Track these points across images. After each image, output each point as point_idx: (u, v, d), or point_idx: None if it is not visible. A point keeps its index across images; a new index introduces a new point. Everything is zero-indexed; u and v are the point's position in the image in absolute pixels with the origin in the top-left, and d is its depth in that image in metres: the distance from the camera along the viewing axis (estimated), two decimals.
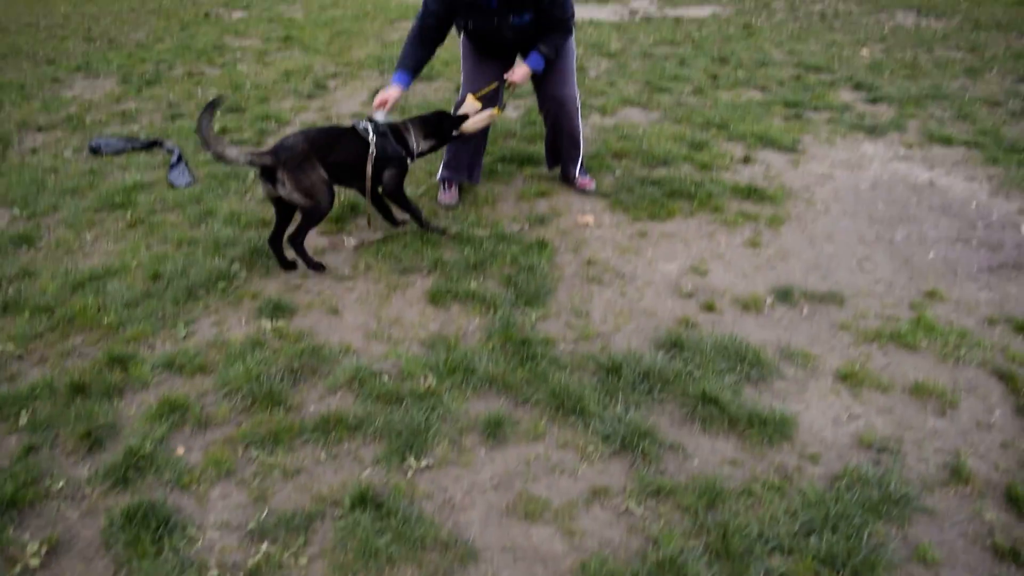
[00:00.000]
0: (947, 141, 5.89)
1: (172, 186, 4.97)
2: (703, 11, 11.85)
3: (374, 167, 3.89)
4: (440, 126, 4.20)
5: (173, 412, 2.85)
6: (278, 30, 10.13)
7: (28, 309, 3.51)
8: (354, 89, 7.22)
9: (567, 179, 4.94)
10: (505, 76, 4.31)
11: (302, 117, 6.38)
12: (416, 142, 4.13)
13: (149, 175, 5.16)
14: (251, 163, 3.59)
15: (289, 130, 6.03)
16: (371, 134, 3.89)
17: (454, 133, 4.22)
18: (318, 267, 3.89)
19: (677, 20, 10.97)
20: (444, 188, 4.77)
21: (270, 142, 5.75)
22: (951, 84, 7.56)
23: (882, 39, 9.79)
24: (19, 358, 3.20)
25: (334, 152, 3.81)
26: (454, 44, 4.80)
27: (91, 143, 5.72)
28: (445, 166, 4.76)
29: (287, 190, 3.65)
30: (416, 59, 4.25)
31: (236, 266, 3.88)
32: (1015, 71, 8.19)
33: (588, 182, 4.89)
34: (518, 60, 4.41)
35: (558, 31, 4.23)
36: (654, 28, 10.25)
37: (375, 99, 4.15)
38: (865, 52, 8.95)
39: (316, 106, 6.70)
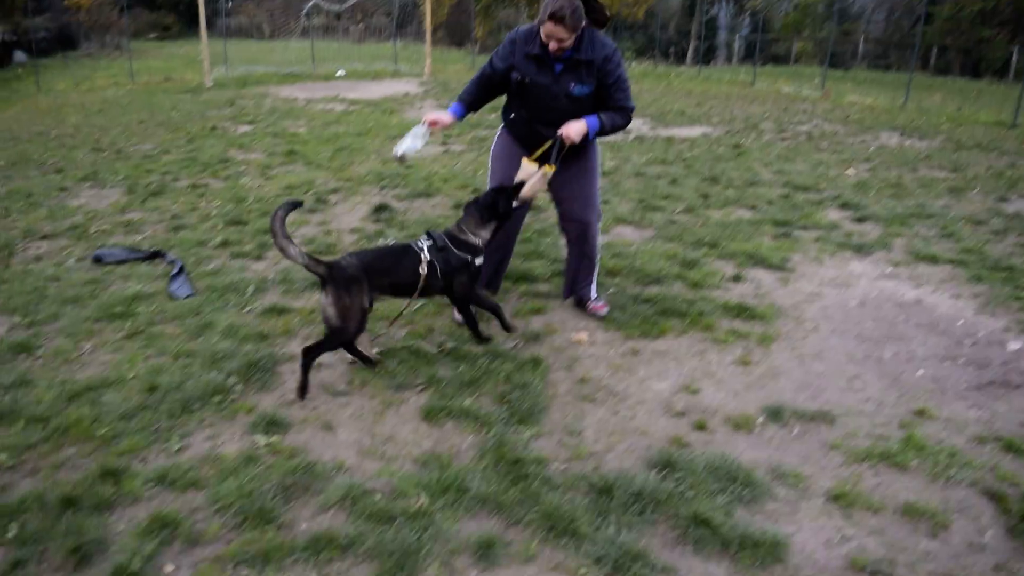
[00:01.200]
0: (933, 259, 6.03)
1: (172, 297, 5.04)
2: (694, 131, 12.24)
3: (444, 281, 4.01)
4: (496, 205, 4.14)
5: (163, 528, 2.83)
6: (282, 145, 10.42)
7: (23, 419, 3.52)
8: (354, 204, 7.39)
9: (580, 303, 4.91)
10: (559, 132, 4.13)
11: (302, 231, 6.52)
12: (478, 236, 4.15)
13: (150, 286, 5.24)
14: (307, 267, 3.74)
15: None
16: (425, 252, 3.97)
17: (514, 204, 4.18)
18: (303, 390, 3.82)
19: (669, 140, 11.32)
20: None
21: (270, 255, 5.87)
22: (935, 203, 7.78)
23: (867, 159, 10.10)
24: (11, 469, 3.20)
25: (392, 275, 3.91)
26: (456, 159, 4.94)
27: (94, 253, 5.82)
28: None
29: (325, 303, 3.75)
30: (474, 96, 4.34)
31: (232, 380, 3.91)
32: (996, 190, 8.44)
33: (601, 307, 4.83)
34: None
35: (616, 112, 4.22)
36: (646, 147, 10.57)
37: (427, 116, 4.24)
38: (851, 172, 9.22)
39: (317, 220, 6.85)
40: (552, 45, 3.99)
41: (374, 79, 20.55)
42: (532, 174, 4.20)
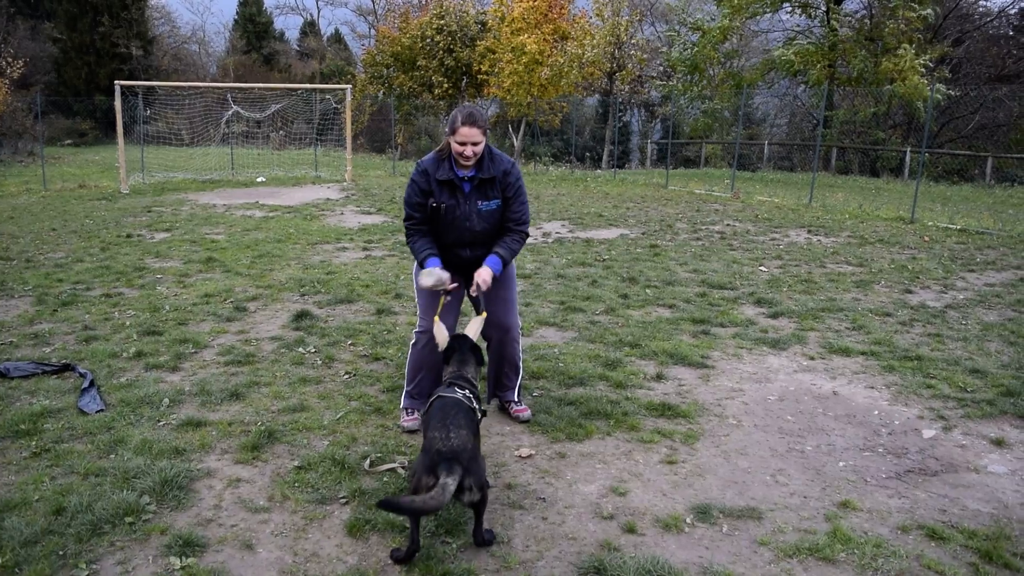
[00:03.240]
0: (846, 352, 6.22)
1: (82, 412, 4.84)
2: (612, 233, 12.54)
3: None
4: (478, 351, 4.21)
5: None
6: (200, 252, 10.29)
7: None
8: (274, 312, 7.30)
9: (503, 407, 4.96)
10: (476, 281, 4.31)
11: (220, 340, 6.38)
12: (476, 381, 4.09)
13: (58, 401, 5.03)
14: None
15: (207, 354, 6.02)
16: (473, 399, 3.77)
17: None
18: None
19: (588, 242, 11.56)
20: (408, 414, 4.76)
21: (187, 366, 5.72)
22: (844, 297, 8.08)
23: (778, 256, 10.47)
24: None
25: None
26: (377, 264, 4.94)
27: None
28: (408, 395, 4.80)
29: (475, 495, 3.29)
30: (430, 244, 4.46)
31: (145, 499, 3.74)
32: (900, 283, 8.83)
33: (524, 410, 4.86)
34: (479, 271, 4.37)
35: (514, 233, 4.50)
36: (566, 250, 10.77)
37: (445, 282, 4.26)
38: (763, 269, 9.54)
39: (235, 329, 6.73)
40: (467, 151, 4.21)
41: (295, 185, 20.59)
42: (477, 324, 4.35)
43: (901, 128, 32.60)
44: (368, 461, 4.18)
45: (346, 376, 5.57)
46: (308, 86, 29.80)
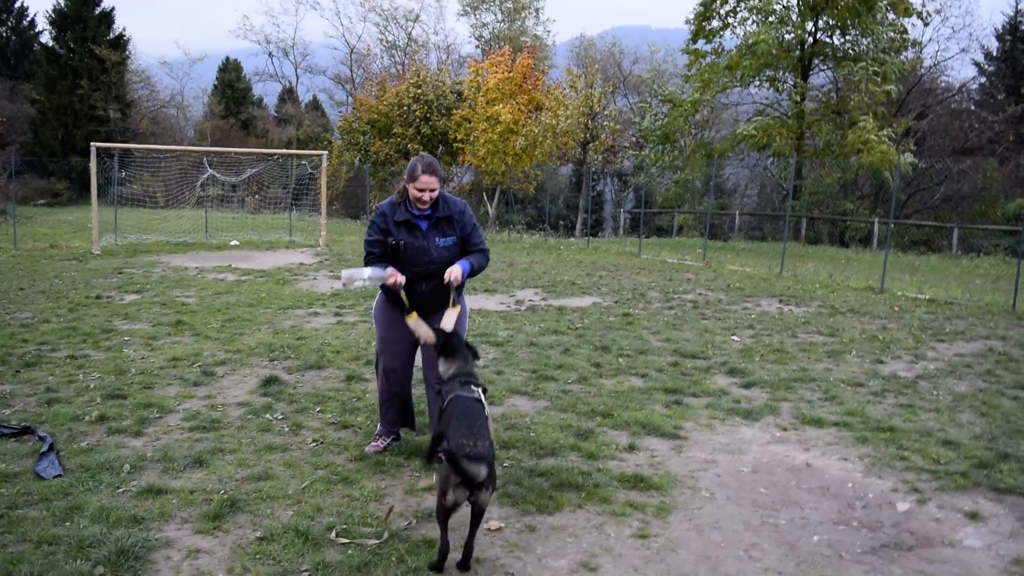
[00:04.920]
0: (819, 423, 6.21)
1: (39, 477, 4.69)
2: (584, 301, 12.57)
3: None
4: (471, 345, 4.75)
5: None
6: (169, 315, 10.17)
7: None
8: (242, 377, 7.18)
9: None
10: (447, 276, 4.80)
11: (186, 405, 6.25)
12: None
13: (15, 465, 4.88)
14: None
15: (172, 419, 5.89)
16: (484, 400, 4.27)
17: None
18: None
19: (560, 310, 11.56)
20: (378, 440, 5.35)
21: (150, 431, 5.59)
22: (816, 367, 8.10)
23: (750, 326, 10.52)
24: None
25: None
26: (349, 330, 4.90)
27: None
28: (381, 423, 5.39)
29: (488, 495, 3.74)
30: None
31: (99, 569, 3.61)
32: (872, 352, 8.88)
33: None
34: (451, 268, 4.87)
35: (479, 252, 5.05)
36: (539, 318, 10.76)
37: (390, 273, 4.72)
38: (736, 338, 9.56)
39: (202, 394, 6.60)
40: (425, 196, 4.78)
41: (268, 249, 20.54)
42: (450, 316, 4.80)
43: (869, 199, 33.28)
44: (334, 532, 4.07)
45: (313, 444, 5.46)
46: (285, 151, 30.03)
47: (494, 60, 30.54)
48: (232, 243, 21.74)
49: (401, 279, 4.80)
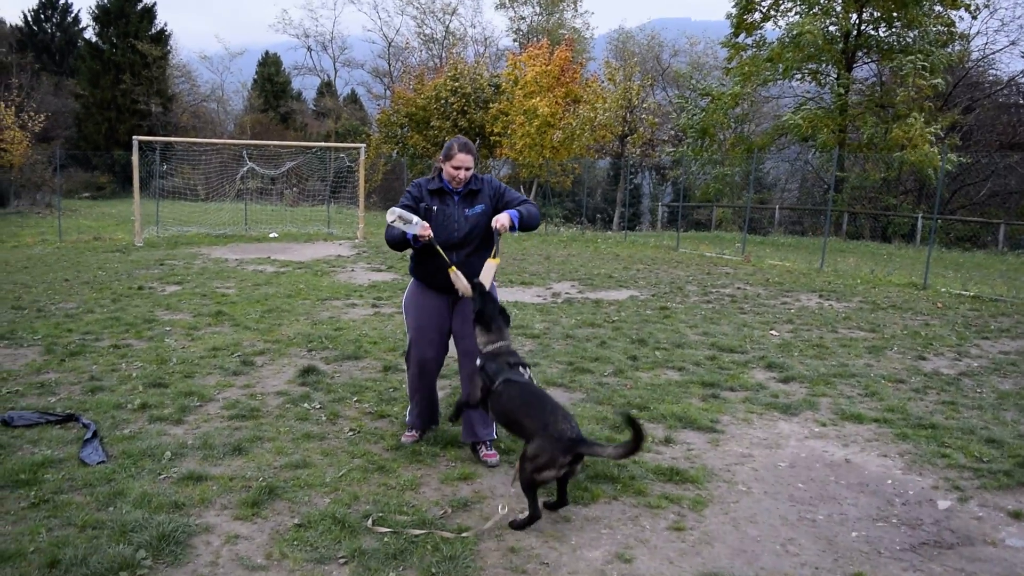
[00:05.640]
0: (858, 419, 6.13)
1: (83, 463, 4.79)
2: (621, 294, 12.52)
3: None
4: (506, 312, 4.86)
5: None
6: (210, 305, 10.30)
7: None
8: (281, 367, 7.26)
9: (475, 448, 5.17)
10: (494, 224, 4.79)
11: (225, 394, 6.34)
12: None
13: (60, 451, 4.98)
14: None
15: (212, 408, 5.98)
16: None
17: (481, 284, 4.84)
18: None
19: (597, 303, 11.53)
20: (409, 432, 5.40)
21: (191, 419, 5.68)
22: (856, 362, 7.99)
23: (789, 320, 10.40)
24: None
25: None
26: (386, 322, 4.93)
27: (3, 416, 5.54)
28: (412, 414, 5.43)
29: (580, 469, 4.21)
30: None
31: (142, 553, 3.67)
32: (913, 349, 8.74)
33: (493, 455, 5.06)
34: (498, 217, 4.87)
35: (525, 203, 5.03)
36: (576, 310, 10.74)
37: (421, 230, 4.77)
38: (774, 333, 9.47)
39: (241, 383, 6.69)
40: (460, 175, 4.92)
41: (307, 242, 20.73)
42: (489, 268, 4.89)
43: (912, 194, 32.72)
44: (370, 520, 4.11)
45: (350, 433, 5.51)
46: (323, 144, 30.21)
47: (532, 53, 30.52)
48: (271, 235, 21.97)
49: (429, 232, 4.80)
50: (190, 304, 10.43)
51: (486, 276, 4.83)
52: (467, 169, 4.92)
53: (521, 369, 4.51)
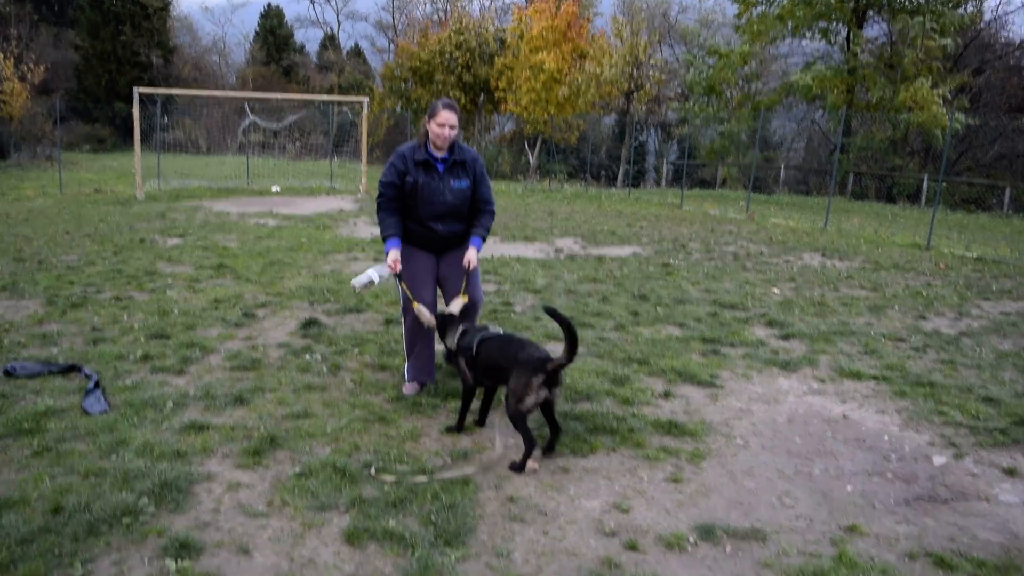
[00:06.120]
0: (857, 376, 6.15)
1: (86, 413, 4.82)
2: (624, 251, 12.50)
3: None
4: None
5: None
6: (211, 258, 10.31)
7: None
8: (283, 319, 7.28)
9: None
10: (465, 262, 5.21)
11: (227, 346, 6.37)
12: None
13: (63, 401, 5.02)
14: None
15: (213, 359, 6.01)
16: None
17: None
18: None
19: (600, 259, 11.52)
20: (410, 383, 5.53)
21: (193, 370, 5.71)
22: (857, 321, 8.00)
23: (791, 279, 10.40)
24: None
25: None
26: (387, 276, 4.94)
27: (6, 366, 5.57)
28: (412, 367, 5.54)
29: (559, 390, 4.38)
30: (396, 225, 5.23)
31: (144, 500, 3.71)
32: (914, 309, 8.74)
33: None
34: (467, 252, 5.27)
35: (486, 214, 5.34)
36: (578, 266, 10.74)
37: (390, 262, 5.13)
38: (776, 291, 9.47)
39: (243, 335, 6.71)
40: (445, 132, 5.05)
41: (309, 195, 20.67)
42: (459, 302, 5.18)
43: (919, 155, 32.47)
44: (372, 468, 4.15)
45: (351, 384, 5.54)
46: (326, 97, 29.97)
47: (538, 7, 30.08)
48: (273, 189, 21.90)
49: (396, 265, 5.15)
50: (192, 257, 10.43)
51: (455, 306, 5.15)
52: (451, 127, 5.05)
53: (490, 328, 4.85)
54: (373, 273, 5.44)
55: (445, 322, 5.07)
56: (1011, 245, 15.68)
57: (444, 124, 5.04)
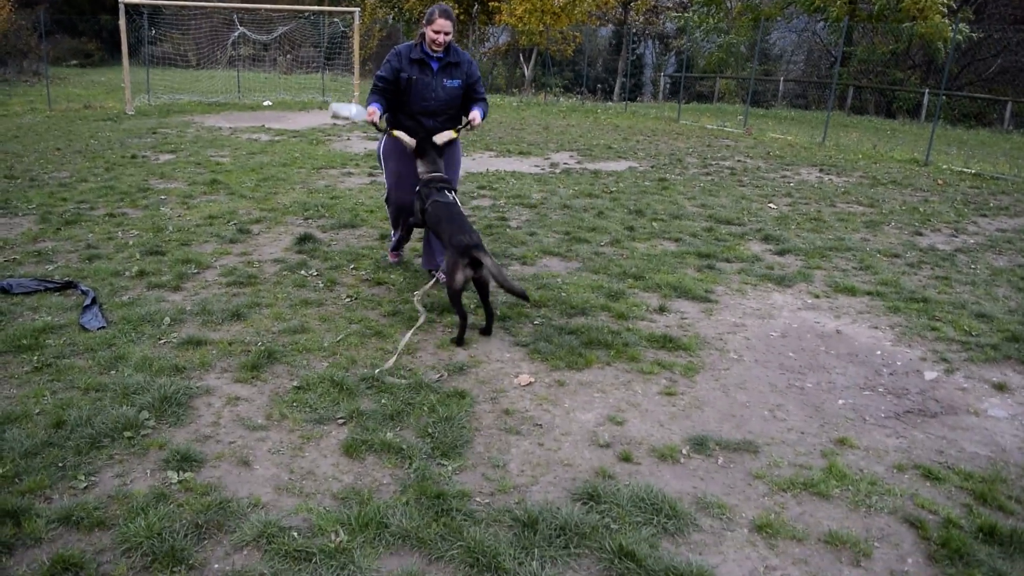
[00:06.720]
0: (851, 291, 6.18)
1: (84, 329, 4.84)
2: (620, 165, 12.40)
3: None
4: (439, 148, 5.56)
5: (66, 571, 2.68)
6: (204, 174, 10.21)
7: None
8: (277, 235, 7.26)
9: (431, 274, 5.90)
10: (470, 117, 5.60)
11: (223, 262, 6.36)
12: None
13: (60, 317, 5.03)
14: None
15: (209, 275, 6.01)
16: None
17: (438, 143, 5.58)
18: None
19: (595, 173, 11.44)
20: (393, 254, 6.46)
21: (189, 286, 5.71)
22: (853, 237, 8.00)
23: (788, 194, 10.36)
24: None
25: None
26: (381, 190, 4.90)
27: (1, 283, 5.57)
28: (396, 239, 6.33)
29: (487, 272, 4.74)
30: (382, 102, 5.51)
31: (145, 414, 3.76)
32: (911, 225, 8.74)
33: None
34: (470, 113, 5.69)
35: (482, 101, 5.71)
36: (573, 181, 10.67)
37: (369, 111, 5.38)
38: (772, 206, 9.44)
39: (238, 251, 6.70)
40: (440, 39, 5.38)
41: (301, 110, 20.38)
42: (447, 135, 5.61)
43: (920, 69, 31.96)
44: (378, 371, 4.25)
45: (347, 299, 5.56)
46: (316, 8, 29.26)
47: None
48: (265, 103, 21.57)
49: (377, 115, 5.40)
50: (184, 173, 10.33)
51: (441, 137, 5.54)
52: (446, 34, 5.40)
53: (448, 193, 5.28)
54: (354, 108, 5.81)
55: (424, 145, 5.48)
56: (1010, 161, 15.58)
57: (440, 31, 5.37)
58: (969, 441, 3.93)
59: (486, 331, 4.97)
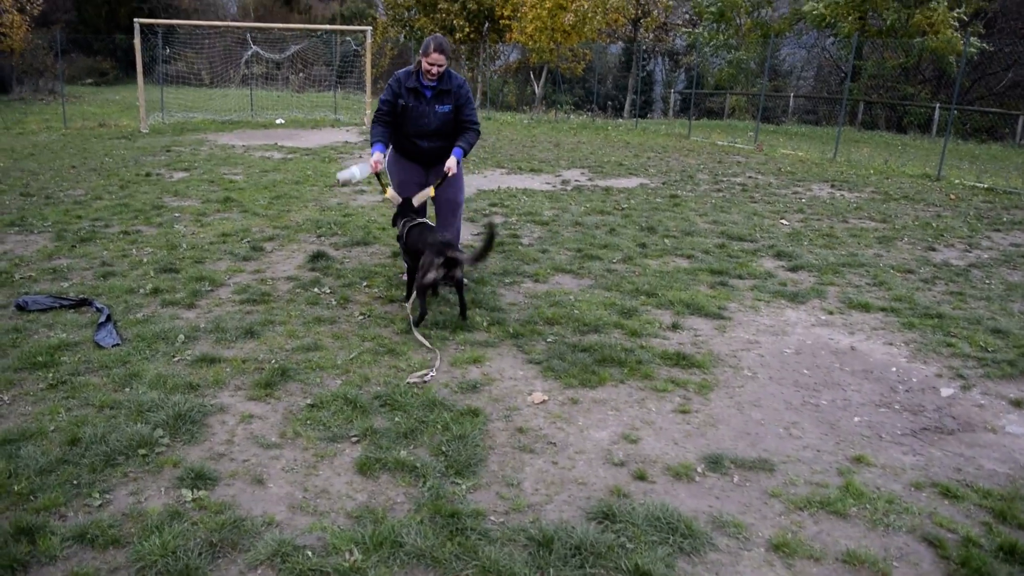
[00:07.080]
0: (865, 307, 6.15)
1: (98, 347, 4.86)
2: (631, 182, 12.41)
3: None
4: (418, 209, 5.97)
5: None
6: (218, 192, 10.27)
7: None
8: (291, 252, 7.28)
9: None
10: (445, 168, 5.82)
11: (236, 279, 6.38)
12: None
13: (75, 335, 5.06)
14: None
15: (223, 293, 6.03)
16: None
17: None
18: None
19: (607, 190, 11.45)
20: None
21: (203, 303, 5.74)
22: (866, 252, 7.97)
23: (800, 210, 10.33)
24: None
25: None
26: (383, 207, 4.91)
27: (17, 300, 5.60)
28: None
29: (461, 271, 5.21)
30: (384, 135, 5.86)
31: (159, 432, 3.76)
32: (924, 240, 8.70)
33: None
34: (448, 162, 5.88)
35: (470, 131, 5.94)
36: (585, 198, 10.67)
37: (373, 162, 5.74)
38: (784, 222, 9.42)
39: (251, 268, 6.72)
40: (434, 70, 5.65)
41: (313, 128, 20.50)
42: (424, 193, 5.99)
43: (931, 84, 31.89)
44: (412, 377, 4.30)
45: (360, 317, 5.56)
46: (328, 27, 29.47)
47: None
48: (278, 121, 21.71)
49: (381, 164, 5.76)
50: (198, 190, 10.39)
51: (418, 198, 5.94)
52: (439, 66, 5.68)
53: (417, 219, 5.72)
54: (356, 170, 6.30)
55: (405, 206, 5.89)
56: (1023, 176, 15.50)
57: (434, 64, 5.65)
58: (987, 458, 3.90)
59: (462, 316, 5.48)
